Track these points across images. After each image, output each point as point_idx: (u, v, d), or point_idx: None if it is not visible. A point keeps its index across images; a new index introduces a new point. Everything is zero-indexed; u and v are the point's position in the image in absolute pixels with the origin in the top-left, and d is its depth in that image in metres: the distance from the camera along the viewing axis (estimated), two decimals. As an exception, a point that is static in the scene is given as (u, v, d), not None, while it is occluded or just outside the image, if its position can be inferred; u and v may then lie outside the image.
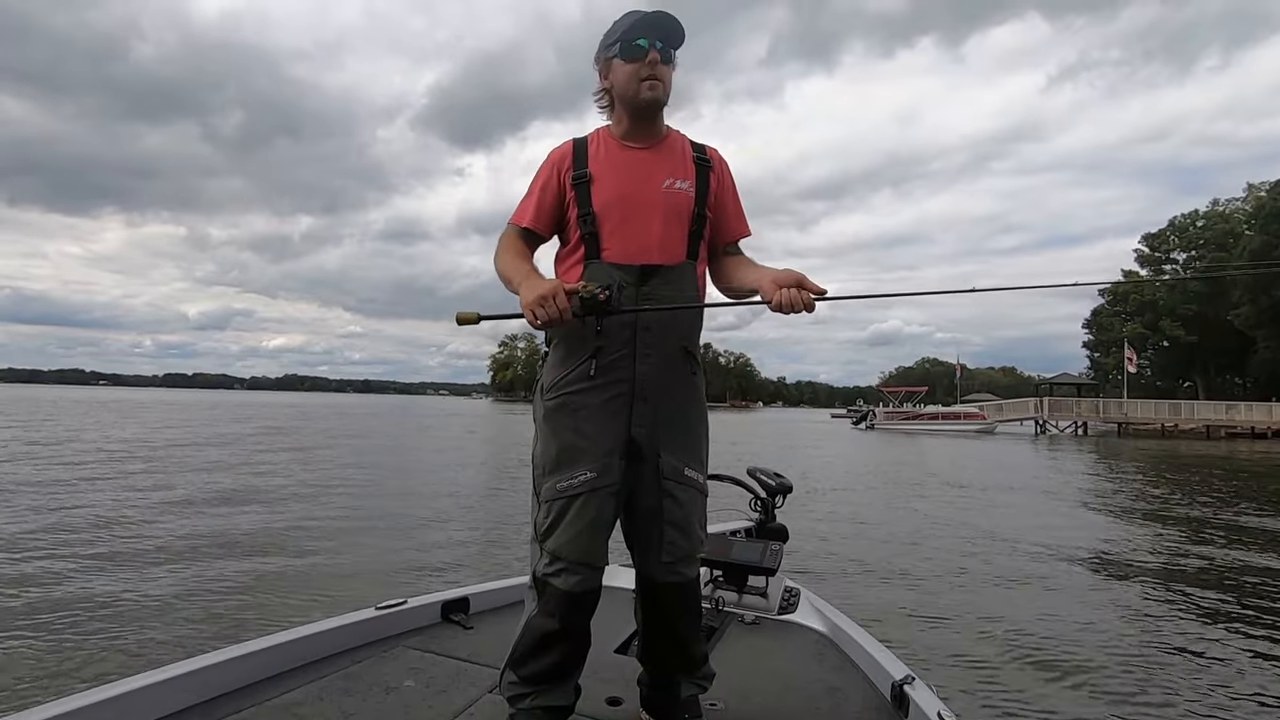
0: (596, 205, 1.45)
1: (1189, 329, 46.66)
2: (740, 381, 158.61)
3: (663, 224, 1.45)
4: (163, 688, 1.41)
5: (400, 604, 1.96)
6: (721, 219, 1.58)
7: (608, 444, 1.40)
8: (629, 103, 1.48)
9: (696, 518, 1.49)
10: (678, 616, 1.50)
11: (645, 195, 1.46)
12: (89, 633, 3.52)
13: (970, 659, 3.53)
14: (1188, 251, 50.18)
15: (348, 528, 6.54)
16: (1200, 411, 36.66)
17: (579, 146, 1.52)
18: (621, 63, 1.46)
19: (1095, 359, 55.25)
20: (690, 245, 1.49)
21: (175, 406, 41.84)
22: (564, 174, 1.49)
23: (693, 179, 1.51)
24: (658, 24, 1.45)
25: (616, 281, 1.36)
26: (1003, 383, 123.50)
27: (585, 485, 1.39)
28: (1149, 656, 3.63)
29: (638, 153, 1.51)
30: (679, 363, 1.48)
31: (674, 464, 1.45)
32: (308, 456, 13.39)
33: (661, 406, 1.44)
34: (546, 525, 1.41)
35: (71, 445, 13.93)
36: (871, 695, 1.70)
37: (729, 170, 1.60)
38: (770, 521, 2.51)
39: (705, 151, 1.56)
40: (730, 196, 1.59)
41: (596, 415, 1.41)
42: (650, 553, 1.46)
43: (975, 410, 39.96)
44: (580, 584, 1.39)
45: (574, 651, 1.46)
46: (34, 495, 7.58)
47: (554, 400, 1.45)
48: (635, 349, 1.41)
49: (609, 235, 1.44)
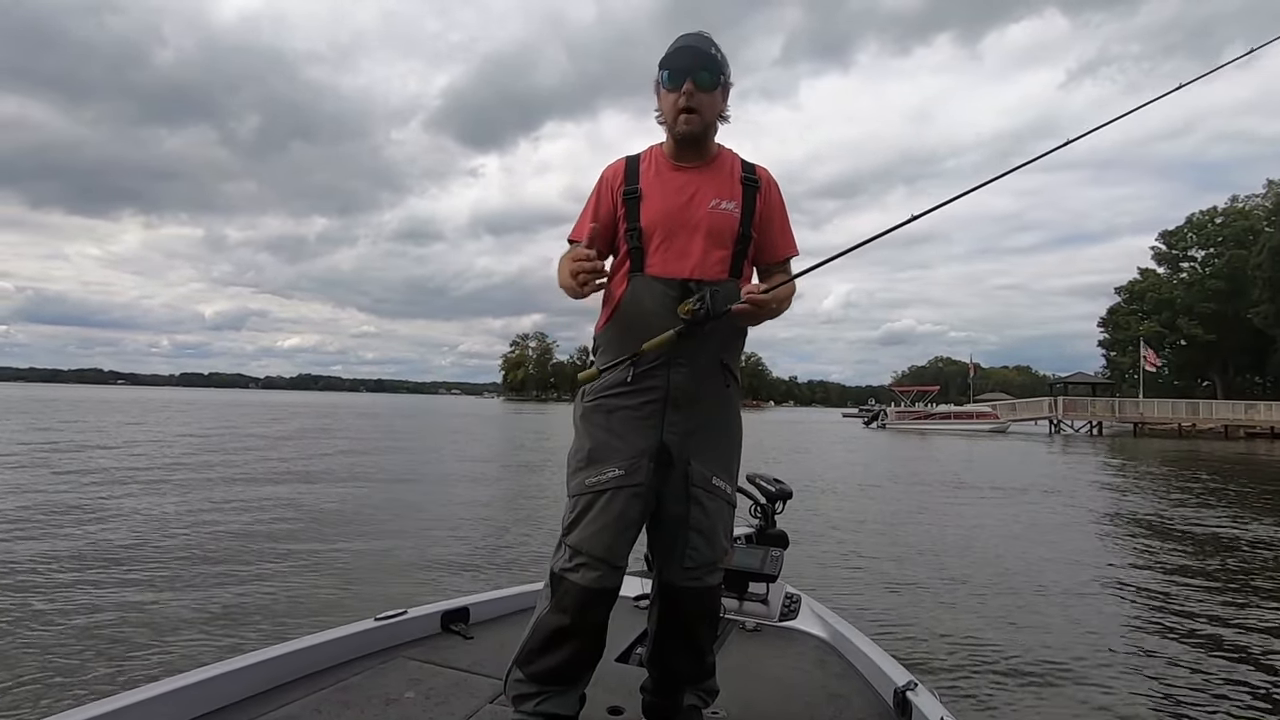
0: (644, 221, 1.49)
1: (1207, 327, 45.96)
2: (751, 381, 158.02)
3: (705, 243, 1.48)
4: (156, 703, 1.39)
5: (399, 614, 1.95)
6: (767, 238, 1.59)
7: (639, 446, 1.44)
8: (670, 131, 1.54)
9: (722, 527, 1.51)
10: (695, 623, 1.51)
11: (690, 214, 1.49)
12: (87, 645, 3.47)
13: (974, 665, 3.51)
14: (1206, 249, 49.43)
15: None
16: (1219, 411, 36.15)
17: (631, 164, 1.57)
18: (666, 90, 1.51)
19: (1111, 358, 54.57)
20: (734, 264, 1.51)
21: (201, 406, 42.22)
22: (616, 190, 1.54)
23: (739, 200, 1.53)
24: (695, 53, 1.48)
25: (706, 292, 1.40)
26: (1017, 382, 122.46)
27: (613, 482, 1.42)
28: (1157, 668, 3.59)
29: (686, 172, 1.54)
30: (715, 374, 1.51)
31: (703, 472, 1.47)
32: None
33: (694, 415, 1.47)
34: (571, 519, 1.45)
35: (95, 450, 14.07)
36: (874, 702, 1.69)
37: (777, 189, 1.62)
38: (770, 528, 2.50)
39: (755, 171, 1.58)
40: (778, 215, 1.61)
41: (630, 418, 1.46)
42: (673, 558, 1.48)
43: (988, 410, 39.66)
44: (598, 580, 1.39)
45: (583, 653, 1.45)
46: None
47: (592, 402, 1.50)
48: (671, 358, 1.44)
49: (654, 251, 1.49)
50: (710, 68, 1.48)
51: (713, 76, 1.49)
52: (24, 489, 8.24)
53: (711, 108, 1.50)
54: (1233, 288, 44.63)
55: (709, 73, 1.48)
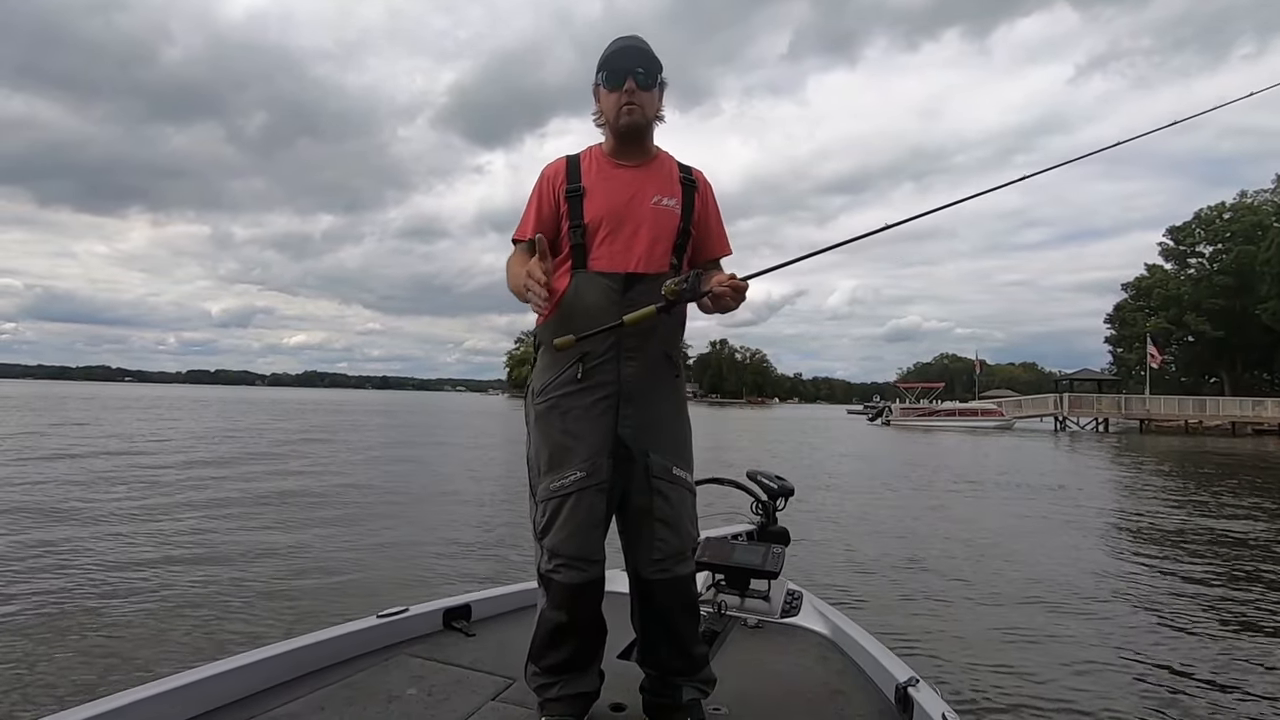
0: (588, 218, 1.54)
1: (1215, 324, 45.60)
2: (756, 378, 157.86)
3: (649, 237, 1.54)
4: (160, 700, 1.40)
5: (402, 611, 1.96)
6: (705, 238, 1.66)
7: (596, 444, 1.47)
8: (613, 126, 1.59)
9: (687, 516, 1.54)
10: (674, 615, 1.52)
11: (634, 210, 1.55)
12: (94, 642, 3.49)
13: (976, 661, 3.51)
14: (1214, 244, 49.03)
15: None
16: (1226, 408, 35.94)
17: (571, 163, 1.61)
18: (606, 90, 1.57)
19: (1118, 354, 54.22)
20: (674, 258, 1.57)
21: (210, 404, 42.42)
22: (558, 188, 1.58)
23: (679, 197, 1.60)
24: (633, 53, 1.55)
25: (692, 274, 1.44)
26: (1023, 379, 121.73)
27: (576, 484, 1.46)
28: (1159, 666, 3.58)
29: (628, 170, 1.60)
30: (661, 366, 1.55)
31: (662, 463, 1.51)
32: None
33: (646, 407, 1.51)
34: (544, 524, 1.50)
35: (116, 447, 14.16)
36: (875, 698, 1.69)
37: (712, 192, 1.69)
38: (772, 524, 2.50)
39: (691, 173, 1.66)
40: (713, 217, 1.68)
41: (584, 417, 1.49)
42: (641, 550, 1.51)
43: (993, 406, 39.53)
44: (580, 577, 1.47)
45: (588, 641, 1.53)
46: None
47: (544, 403, 1.54)
48: (619, 352, 1.49)
49: (598, 246, 1.53)
50: (648, 68, 1.55)
51: (650, 77, 1.56)
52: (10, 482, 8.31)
53: (650, 106, 1.57)
54: (1241, 284, 44.25)
55: (646, 73, 1.55)
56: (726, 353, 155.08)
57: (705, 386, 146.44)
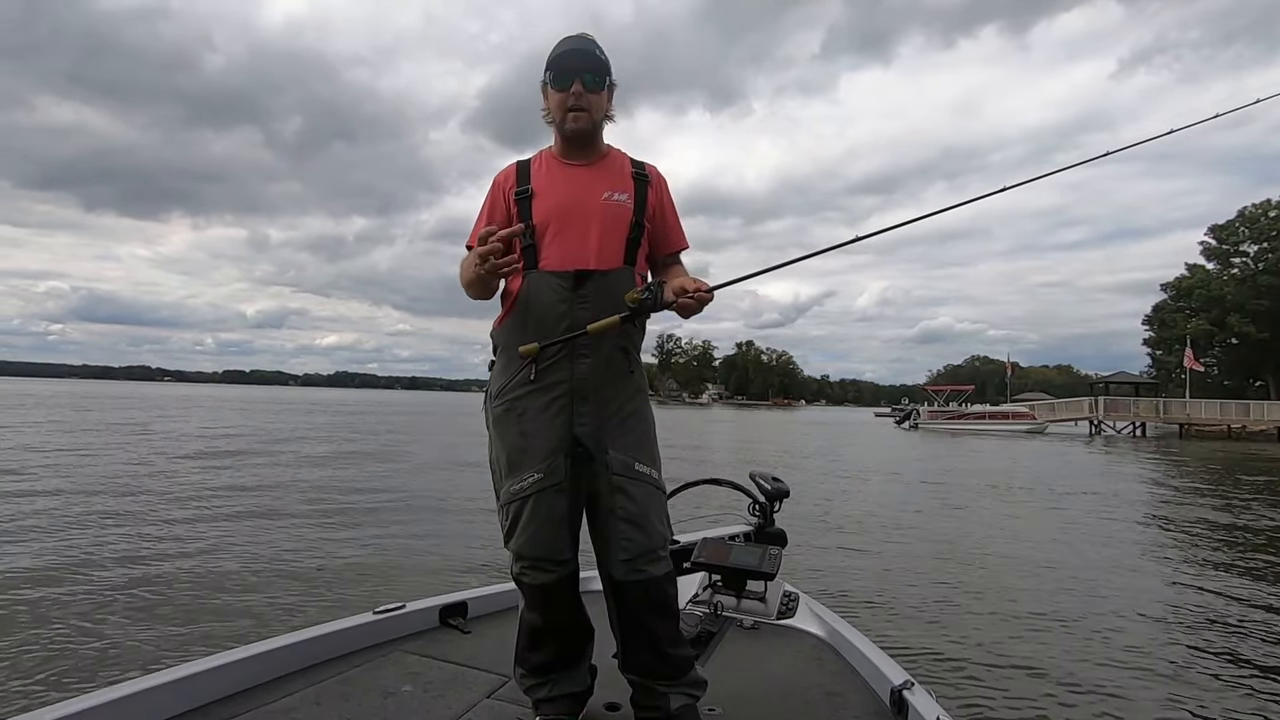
0: (537, 218, 1.52)
1: (1260, 325, 43.96)
2: (783, 379, 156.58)
3: (600, 233, 1.52)
4: (157, 693, 1.41)
5: (398, 608, 1.97)
6: (662, 232, 1.64)
7: (552, 444, 1.46)
8: (559, 130, 1.58)
9: (654, 513, 1.49)
10: (648, 618, 1.48)
11: (584, 206, 1.53)
12: (89, 635, 3.49)
13: (971, 666, 3.47)
14: (1259, 243, 47.30)
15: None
16: (1271, 412, 34.58)
17: (522, 167, 1.60)
18: (553, 90, 1.55)
19: (1157, 356, 52.60)
20: (628, 252, 1.55)
21: (248, 404, 43.32)
22: (508, 192, 1.57)
23: (631, 192, 1.58)
24: (582, 55, 1.52)
25: (655, 284, 1.45)
26: (1058, 382, 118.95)
27: (534, 486, 1.45)
28: (1159, 670, 3.50)
29: (578, 169, 1.58)
30: (617, 361, 1.52)
31: (623, 459, 1.48)
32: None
33: (603, 404, 1.49)
34: (507, 528, 1.49)
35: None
36: (870, 700, 1.68)
37: (667, 187, 1.67)
38: (769, 526, 2.50)
39: (644, 168, 1.64)
40: (669, 211, 1.66)
41: (539, 417, 1.47)
42: (609, 551, 1.48)
43: (1024, 410, 38.59)
44: (546, 579, 1.47)
45: (570, 641, 1.53)
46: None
47: (500, 406, 1.52)
48: (573, 350, 1.47)
49: (547, 245, 1.51)
50: (596, 70, 1.53)
51: (598, 78, 1.53)
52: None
53: (598, 107, 1.55)
54: (1287, 285, 42.69)
55: (594, 74, 1.53)
56: (753, 354, 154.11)
57: (731, 388, 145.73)
